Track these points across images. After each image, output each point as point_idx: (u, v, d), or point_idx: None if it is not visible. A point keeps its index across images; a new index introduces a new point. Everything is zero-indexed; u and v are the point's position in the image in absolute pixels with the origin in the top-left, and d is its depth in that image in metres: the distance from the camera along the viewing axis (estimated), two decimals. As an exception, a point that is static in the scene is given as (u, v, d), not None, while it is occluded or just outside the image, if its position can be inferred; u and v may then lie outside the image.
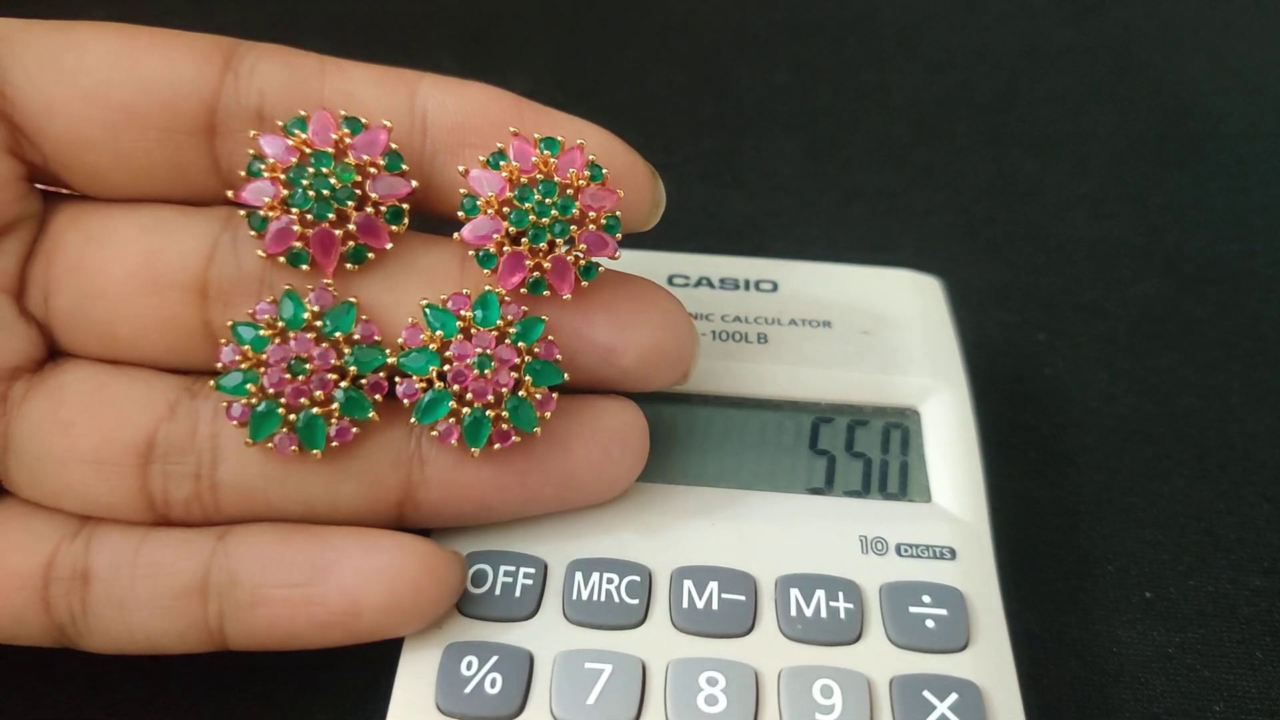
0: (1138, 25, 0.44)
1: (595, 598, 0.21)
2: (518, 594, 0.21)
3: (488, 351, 0.20)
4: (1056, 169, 0.38)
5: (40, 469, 0.20)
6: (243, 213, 0.20)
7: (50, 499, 0.20)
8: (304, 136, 0.19)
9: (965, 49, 0.43)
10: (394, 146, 0.20)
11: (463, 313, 0.20)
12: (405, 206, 0.20)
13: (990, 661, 0.21)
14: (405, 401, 0.20)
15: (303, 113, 0.19)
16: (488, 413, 0.20)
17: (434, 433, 0.20)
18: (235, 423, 0.20)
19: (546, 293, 0.20)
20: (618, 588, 0.21)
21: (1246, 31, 0.44)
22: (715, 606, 0.21)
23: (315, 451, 0.20)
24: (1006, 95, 0.41)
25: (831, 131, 0.39)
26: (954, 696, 0.20)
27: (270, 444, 0.20)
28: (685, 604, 0.21)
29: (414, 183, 0.20)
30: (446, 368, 0.20)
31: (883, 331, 0.25)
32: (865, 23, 0.44)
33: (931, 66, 0.42)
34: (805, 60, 0.42)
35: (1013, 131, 0.39)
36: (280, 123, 0.19)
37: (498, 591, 0.21)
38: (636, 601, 0.21)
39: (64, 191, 0.21)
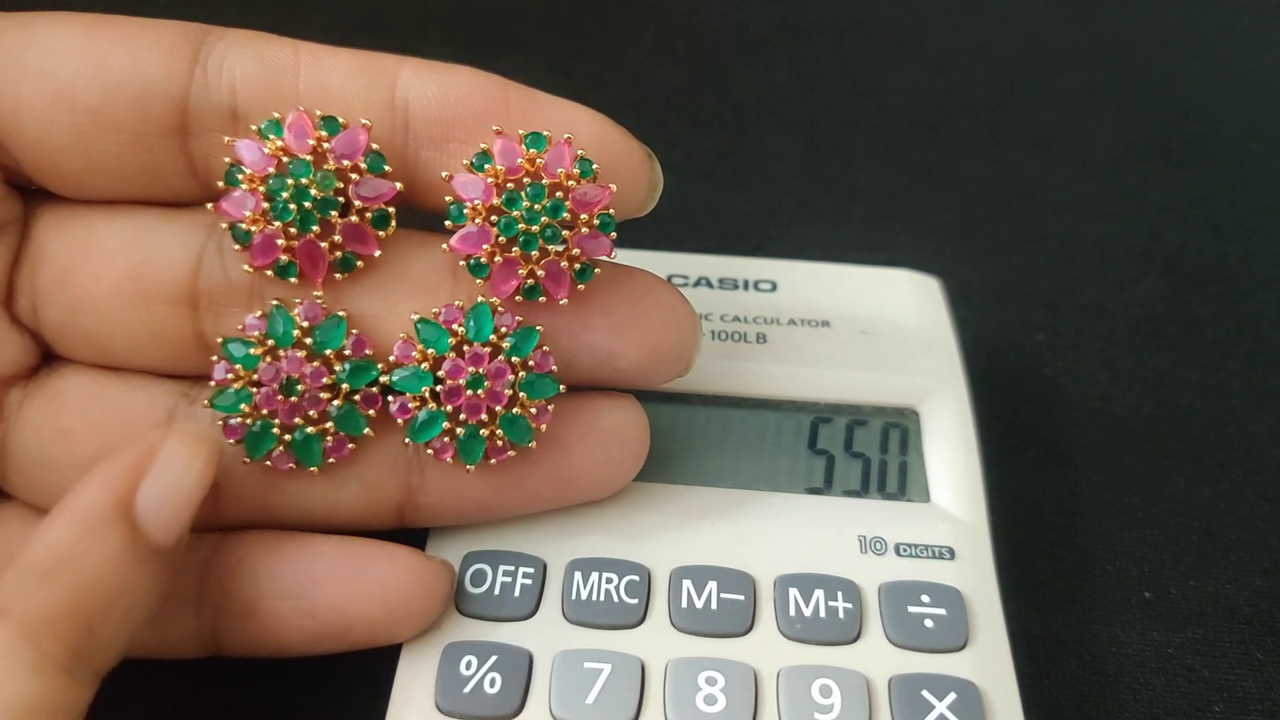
0: (1138, 25, 0.44)
1: (594, 597, 0.21)
2: (517, 593, 0.21)
3: (480, 370, 0.19)
4: (1056, 169, 0.38)
5: (39, 475, 0.20)
6: (225, 225, 0.19)
7: (49, 504, 0.20)
8: (280, 143, 0.19)
9: (965, 49, 0.43)
10: (375, 146, 0.19)
11: (455, 327, 0.19)
12: (391, 210, 0.19)
13: (989, 661, 0.21)
14: (399, 420, 0.20)
15: (277, 115, 0.19)
16: (482, 430, 0.20)
17: (429, 450, 0.20)
18: (233, 440, 0.20)
19: (542, 298, 0.20)
20: (617, 587, 0.21)
21: (1246, 32, 0.44)
22: (714, 606, 0.21)
23: (312, 468, 0.20)
24: (1006, 95, 0.41)
25: (831, 131, 0.39)
26: (953, 696, 0.20)
27: (268, 461, 0.20)
28: (684, 604, 0.21)
29: (398, 185, 0.19)
30: (439, 386, 0.19)
31: (882, 331, 0.25)
32: (865, 23, 0.44)
33: (931, 66, 0.42)
34: (805, 60, 0.42)
35: (1012, 131, 0.39)
36: (254, 126, 0.19)
37: (497, 591, 0.21)
38: (636, 601, 0.21)
39: (45, 190, 0.20)
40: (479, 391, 0.19)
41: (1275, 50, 0.43)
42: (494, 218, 0.19)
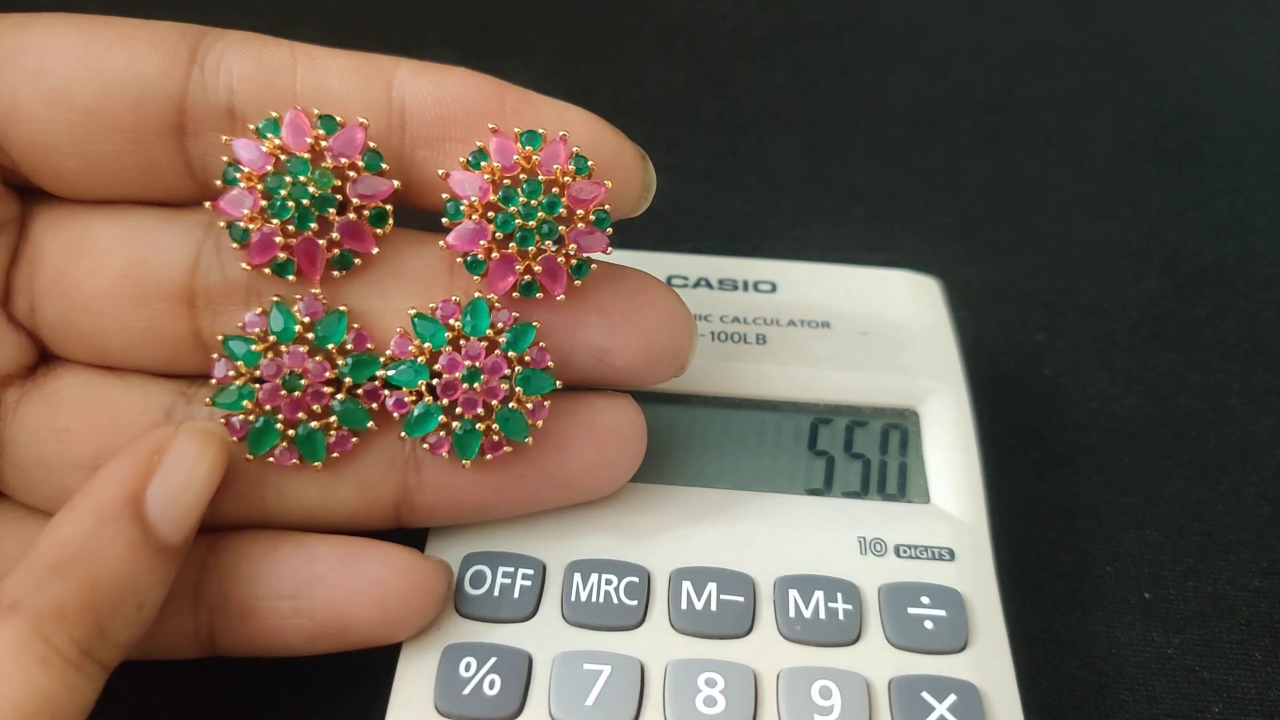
0: (1137, 25, 0.44)
1: (594, 599, 0.21)
2: (516, 595, 0.21)
3: (477, 364, 0.19)
4: (1055, 169, 0.38)
5: (37, 475, 0.20)
6: (222, 223, 0.19)
7: (47, 504, 0.20)
8: (278, 141, 0.19)
9: (965, 49, 0.43)
10: (372, 145, 0.19)
11: (451, 322, 0.19)
12: (388, 208, 0.19)
13: (989, 662, 0.21)
14: (395, 414, 0.20)
15: (274, 114, 0.19)
16: (478, 425, 0.20)
17: (424, 445, 0.20)
18: (235, 438, 0.19)
19: (539, 295, 0.20)
20: (616, 589, 0.21)
21: (1245, 33, 0.44)
22: (714, 607, 0.21)
23: (316, 463, 0.20)
24: (1005, 96, 0.41)
25: (831, 131, 0.39)
26: (953, 698, 0.20)
27: (271, 458, 0.20)
28: (684, 605, 0.21)
29: (395, 182, 0.19)
30: (436, 380, 0.19)
31: (881, 332, 0.25)
32: (865, 23, 0.44)
33: (931, 67, 0.42)
34: (805, 60, 0.42)
35: (1012, 132, 0.39)
36: (252, 125, 0.19)
37: (496, 592, 0.21)
38: (635, 602, 0.21)
39: (42, 190, 0.20)
40: (475, 385, 0.19)
41: (1275, 50, 0.43)
42: (490, 214, 0.19)
